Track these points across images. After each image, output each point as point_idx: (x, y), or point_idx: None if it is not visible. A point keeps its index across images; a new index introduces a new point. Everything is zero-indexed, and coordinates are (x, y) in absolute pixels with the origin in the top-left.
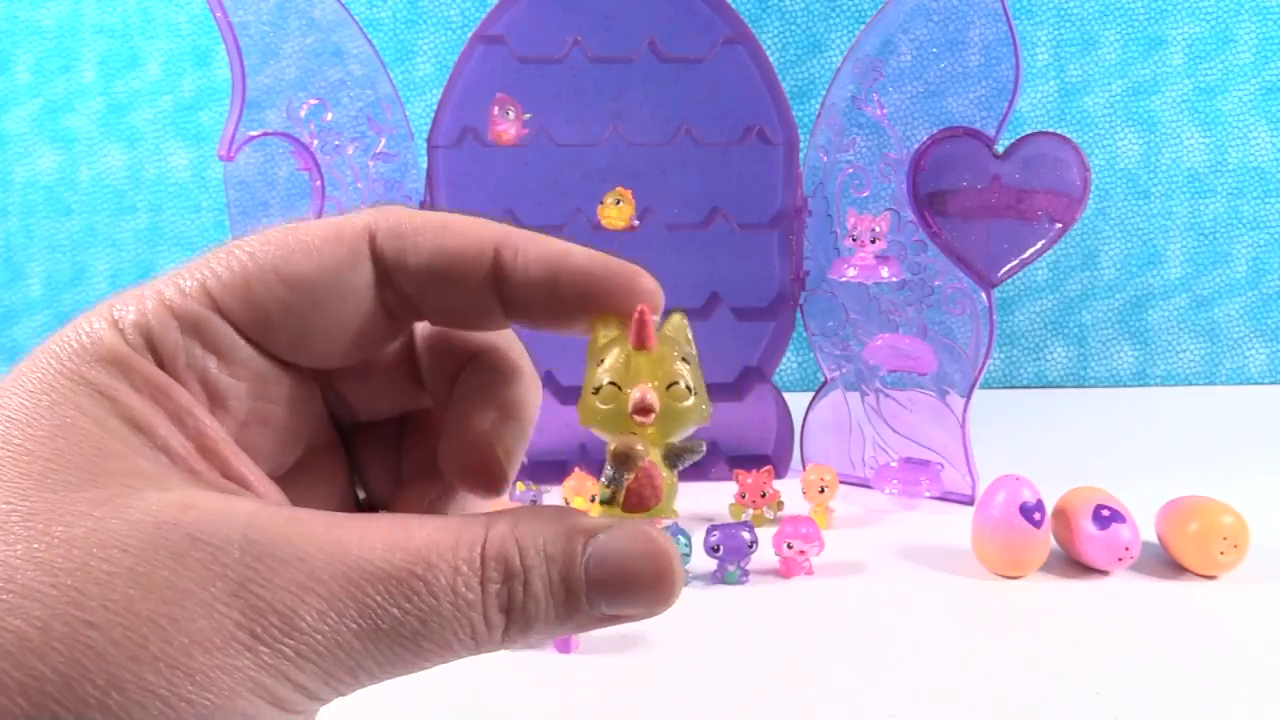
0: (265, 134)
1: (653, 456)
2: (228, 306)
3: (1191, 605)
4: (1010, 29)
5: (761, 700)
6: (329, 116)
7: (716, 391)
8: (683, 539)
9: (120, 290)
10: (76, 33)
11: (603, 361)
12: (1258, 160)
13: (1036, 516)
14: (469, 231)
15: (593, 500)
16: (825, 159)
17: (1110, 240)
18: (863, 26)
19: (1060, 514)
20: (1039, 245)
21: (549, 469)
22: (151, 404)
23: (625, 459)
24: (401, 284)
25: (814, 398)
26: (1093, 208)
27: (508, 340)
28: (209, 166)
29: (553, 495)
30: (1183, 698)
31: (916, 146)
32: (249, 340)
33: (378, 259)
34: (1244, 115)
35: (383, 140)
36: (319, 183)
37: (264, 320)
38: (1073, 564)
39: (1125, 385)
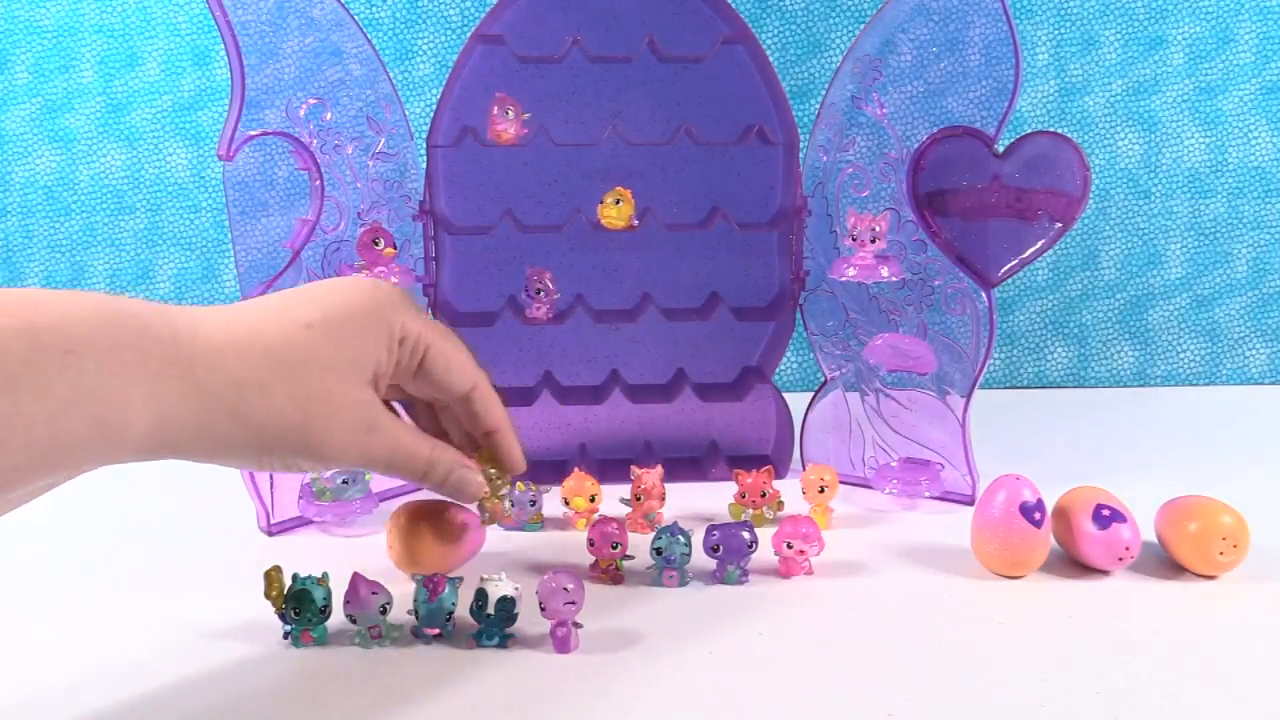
0: (264, 134)
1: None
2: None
3: (1191, 605)
4: (1010, 29)
5: (761, 700)
6: (328, 116)
7: (716, 391)
8: (682, 539)
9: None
10: (75, 32)
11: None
12: (1258, 160)
13: (1036, 516)
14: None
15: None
16: (825, 159)
17: (1110, 240)
18: (863, 26)
19: (1060, 514)
20: (1039, 245)
21: (548, 469)
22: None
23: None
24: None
25: (814, 398)
26: (1093, 208)
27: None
28: (208, 166)
29: (552, 495)
30: (1183, 698)
31: (916, 146)
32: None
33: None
34: (1244, 115)
35: (382, 140)
36: (318, 182)
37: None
38: (1073, 564)
39: (1125, 385)
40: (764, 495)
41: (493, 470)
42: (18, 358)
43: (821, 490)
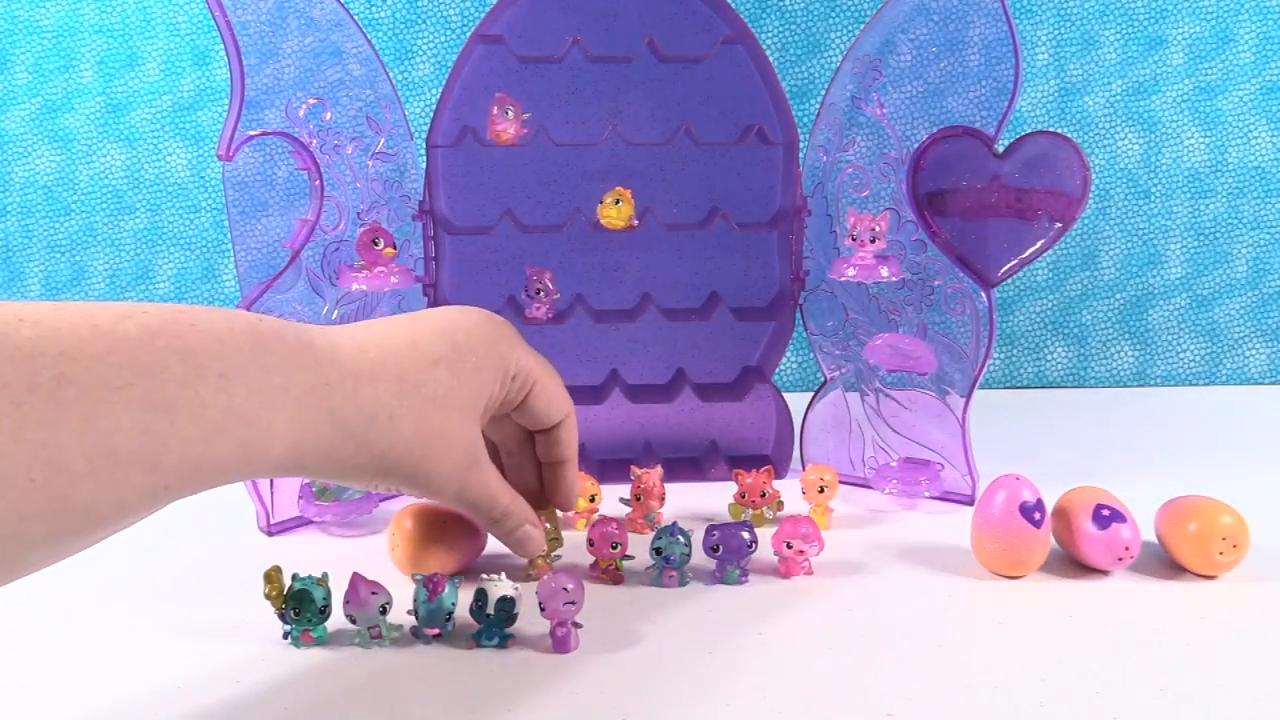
0: (264, 134)
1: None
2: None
3: (1191, 605)
4: (1010, 29)
5: (761, 700)
6: (328, 116)
7: (716, 391)
8: (682, 539)
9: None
10: (75, 32)
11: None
12: (1258, 160)
13: (1036, 516)
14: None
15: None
16: (825, 159)
17: (1110, 240)
18: (862, 26)
19: (1060, 514)
20: (1039, 245)
21: None
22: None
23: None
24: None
25: (814, 398)
26: (1093, 208)
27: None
28: (208, 166)
29: None
30: (1183, 698)
31: (916, 146)
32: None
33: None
34: (1244, 115)
35: (382, 140)
36: (318, 182)
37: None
38: (1073, 564)
39: (1125, 385)
40: (764, 495)
41: (551, 534)
42: (177, 380)
43: (821, 490)
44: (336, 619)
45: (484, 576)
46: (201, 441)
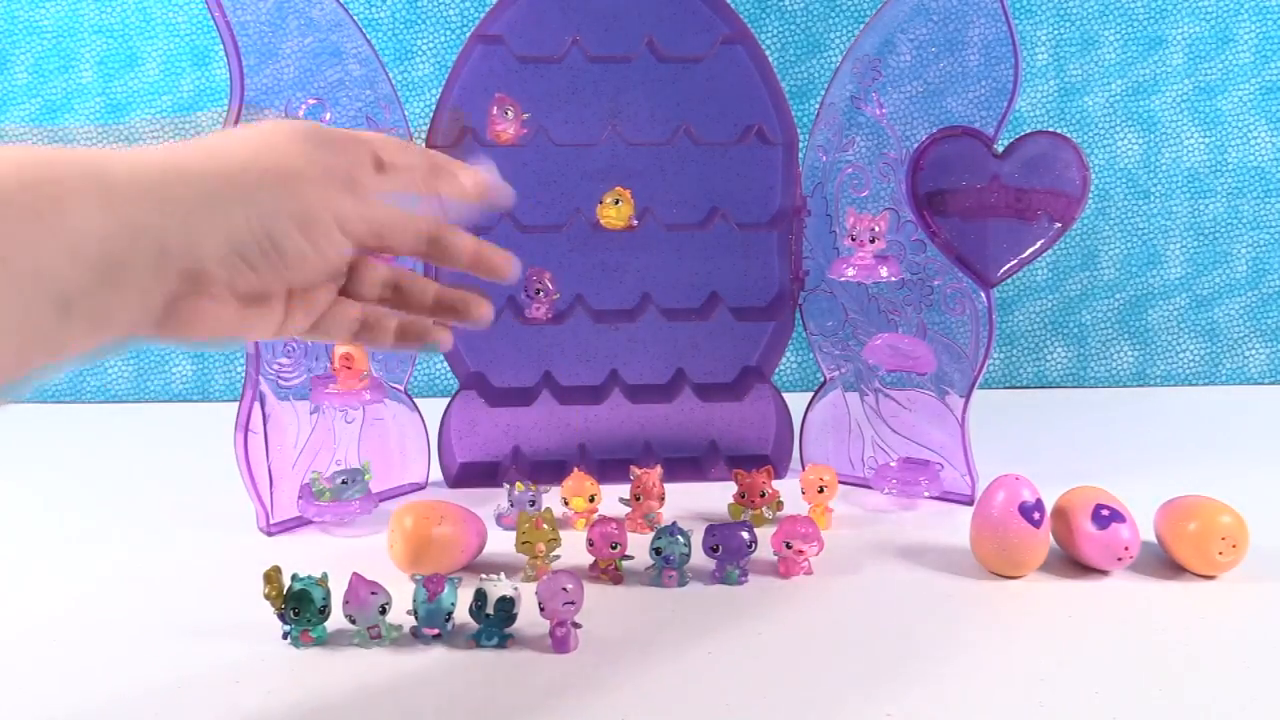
0: None
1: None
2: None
3: (1190, 605)
4: (1010, 29)
5: (761, 700)
6: (328, 116)
7: (716, 391)
8: (682, 539)
9: None
10: (75, 33)
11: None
12: (1258, 160)
13: (1036, 516)
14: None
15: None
16: (824, 159)
17: (1110, 240)
18: (862, 26)
19: (1060, 514)
20: (1038, 245)
21: (548, 469)
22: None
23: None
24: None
25: (813, 398)
26: (1093, 208)
27: None
28: None
29: (552, 495)
30: (1182, 698)
31: (916, 146)
32: None
33: None
34: (1244, 115)
35: None
36: None
37: None
38: (1072, 564)
39: (1125, 385)
40: (763, 495)
41: (549, 536)
42: None
43: (821, 490)
44: (336, 619)
45: (484, 577)
46: None
